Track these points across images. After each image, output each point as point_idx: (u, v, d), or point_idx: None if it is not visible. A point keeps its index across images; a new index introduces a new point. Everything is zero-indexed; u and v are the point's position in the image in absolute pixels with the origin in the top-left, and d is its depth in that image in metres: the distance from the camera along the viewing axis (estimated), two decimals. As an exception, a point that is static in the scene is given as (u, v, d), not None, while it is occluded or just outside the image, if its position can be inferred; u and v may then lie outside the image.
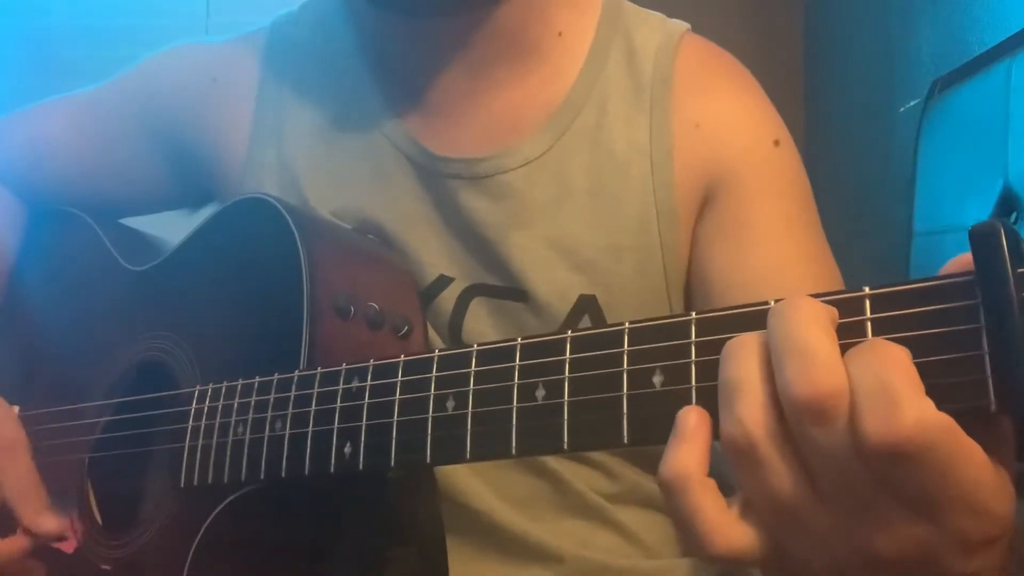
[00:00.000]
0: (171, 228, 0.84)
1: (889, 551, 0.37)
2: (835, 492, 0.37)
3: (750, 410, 0.37)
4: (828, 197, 2.69)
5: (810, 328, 0.37)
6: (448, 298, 0.71)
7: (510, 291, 0.71)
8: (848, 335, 0.38)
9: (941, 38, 1.93)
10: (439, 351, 0.52)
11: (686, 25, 0.77)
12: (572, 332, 0.46)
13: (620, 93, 0.73)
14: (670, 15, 0.79)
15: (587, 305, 0.70)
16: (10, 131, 0.87)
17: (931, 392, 0.36)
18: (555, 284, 0.70)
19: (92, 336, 0.77)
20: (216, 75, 0.79)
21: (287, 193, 0.73)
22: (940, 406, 0.36)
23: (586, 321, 0.70)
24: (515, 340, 0.48)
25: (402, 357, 0.52)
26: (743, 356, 0.38)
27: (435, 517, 0.64)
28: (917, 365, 0.36)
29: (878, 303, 0.39)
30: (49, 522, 0.69)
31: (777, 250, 0.69)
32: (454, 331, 0.71)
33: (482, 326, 0.71)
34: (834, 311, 0.39)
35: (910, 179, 1.83)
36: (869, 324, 0.38)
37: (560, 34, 0.74)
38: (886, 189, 2.14)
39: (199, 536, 0.59)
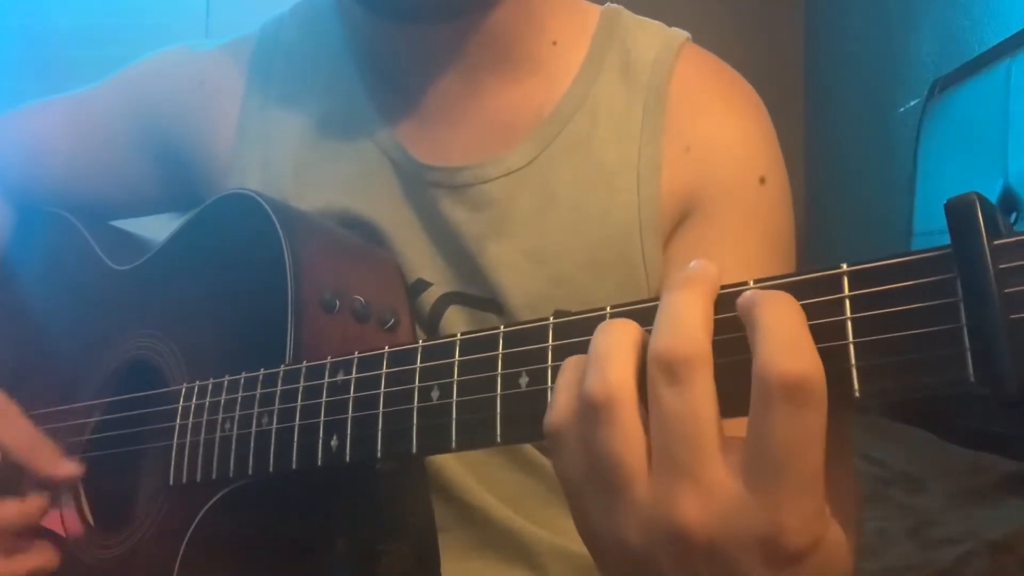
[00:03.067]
0: (160, 228, 0.84)
1: (701, 524, 0.37)
2: (664, 456, 0.38)
3: (616, 373, 0.39)
4: (828, 197, 2.71)
5: (690, 298, 0.39)
6: (425, 302, 0.70)
7: (486, 302, 0.70)
8: (827, 313, 0.38)
9: (941, 38, 1.93)
10: (423, 341, 0.51)
11: (685, 34, 0.75)
12: (555, 319, 0.46)
13: (612, 105, 0.71)
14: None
15: None
16: (2, 132, 0.87)
17: (911, 366, 0.36)
18: (531, 297, 0.69)
19: (79, 337, 0.76)
20: (204, 79, 0.79)
21: (269, 192, 0.73)
22: (920, 380, 0.36)
23: None
24: (498, 328, 0.47)
25: (386, 348, 0.52)
26: (616, 330, 0.40)
27: (426, 511, 0.64)
28: (898, 340, 0.36)
29: (856, 280, 0.38)
30: (67, 466, 0.67)
31: None
32: (430, 335, 0.70)
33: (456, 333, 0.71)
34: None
35: (910, 179, 1.84)
36: (848, 301, 0.38)
37: (555, 43, 0.72)
38: (886, 189, 2.14)
39: (189, 533, 0.59)
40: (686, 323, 0.38)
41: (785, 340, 0.36)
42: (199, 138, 0.78)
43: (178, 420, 0.62)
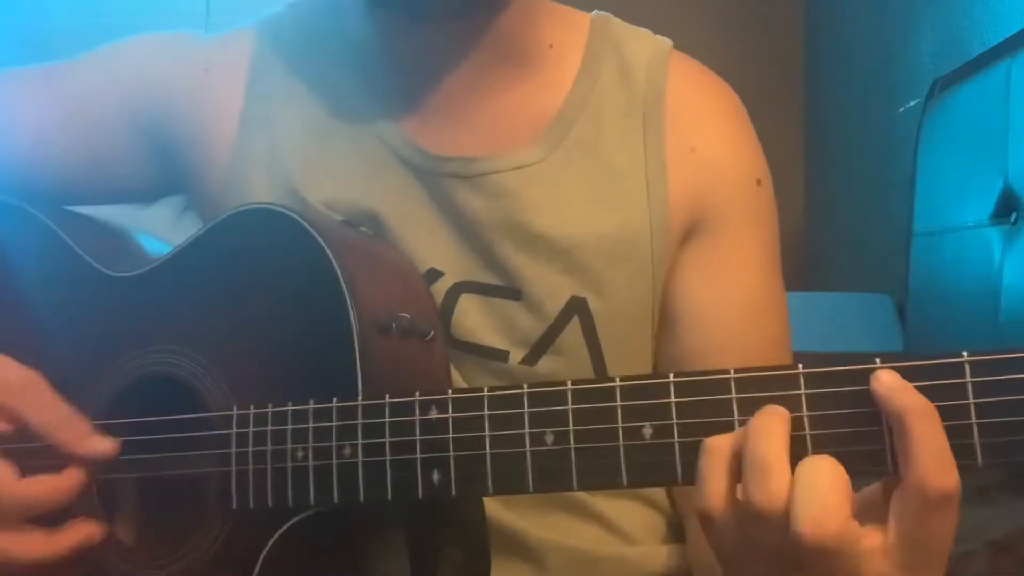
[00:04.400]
0: (125, 219, 0.83)
1: None
2: None
3: (781, 484, 0.45)
4: (828, 197, 2.70)
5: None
6: (437, 292, 0.71)
7: (502, 289, 0.70)
8: (953, 396, 0.44)
9: (941, 38, 1.93)
10: (527, 387, 0.53)
11: (670, 41, 0.77)
12: (675, 377, 0.49)
13: (614, 105, 0.73)
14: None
15: (577, 307, 0.70)
16: None
17: None
18: (547, 284, 0.70)
19: (74, 347, 0.72)
20: (208, 67, 0.78)
21: (277, 184, 0.73)
22: None
23: (575, 323, 0.70)
24: (614, 381, 0.50)
25: (485, 391, 0.53)
26: (776, 435, 0.46)
27: (479, 515, 0.65)
28: (1012, 424, 0.43)
29: (976, 368, 0.44)
30: (100, 442, 0.63)
31: (749, 296, 0.73)
32: (443, 324, 0.71)
33: (470, 322, 0.70)
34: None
35: (910, 179, 1.83)
36: (970, 386, 0.44)
37: (551, 46, 0.74)
38: (886, 189, 2.14)
39: (264, 553, 0.60)
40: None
41: (938, 457, 0.44)
42: (200, 125, 0.77)
43: (234, 447, 0.61)
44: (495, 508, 0.70)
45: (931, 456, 0.44)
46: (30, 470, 0.63)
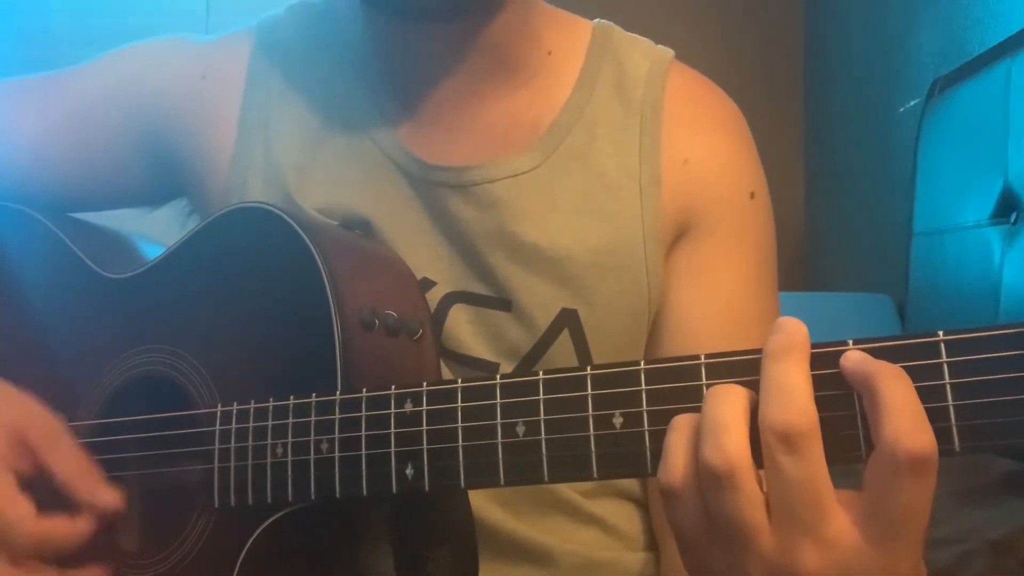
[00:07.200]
0: (117, 224, 0.83)
1: (816, 565, 0.42)
2: (786, 515, 0.43)
3: (735, 443, 0.43)
4: (828, 197, 2.70)
5: (795, 368, 0.43)
6: (429, 302, 0.71)
7: (493, 300, 0.71)
8: (928, 377, 0.42)
9: (941, 38, 1.93)
10: (500, 377, 0.52)
11: (672, 52, 0.77)
12: (645, 365, 0.48)
13: (609, 116, 0.73)
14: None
15: (568, 319, 0.70)
16: None
17: (1007, 427, 0.41)
18: (538, 295, 0.70)
19: (69, 349, 0.73)
20: (206, 72, 0.78)
21: (273, 189, 0.73)
22: (1011, 440, 0.41)
23: (566, 335, 0.70)
24: (585, 370, 0.49)
25: (459, 383, 0.53)
26: (730, 400, 0.44)
27: (466, 513, 0.64)
28: (994, 404, 0.41)
29: (952, 347, 0.42)
30: (109, 495, 0.66)
31: (734, 304, 0.72)
32: (434, 334, 0.71)
33: (462, 332, 0.70)
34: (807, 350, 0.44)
35: (910, 179, 1.84)
36: (946, 367, 0.42)
37: (550, 53, 0.73)
38: (886, 189, 2.14)
39: (244, 552, 0.59)
40: (797, 396, 0.43)
41: (911, 417, 0.41)
42: (199, 130, 0.77)
43: (217, 444, 0.61)
44: (496, 512, 0.70)
45: (902, 414, 0.41)
46: (45, 507, 0.65)
